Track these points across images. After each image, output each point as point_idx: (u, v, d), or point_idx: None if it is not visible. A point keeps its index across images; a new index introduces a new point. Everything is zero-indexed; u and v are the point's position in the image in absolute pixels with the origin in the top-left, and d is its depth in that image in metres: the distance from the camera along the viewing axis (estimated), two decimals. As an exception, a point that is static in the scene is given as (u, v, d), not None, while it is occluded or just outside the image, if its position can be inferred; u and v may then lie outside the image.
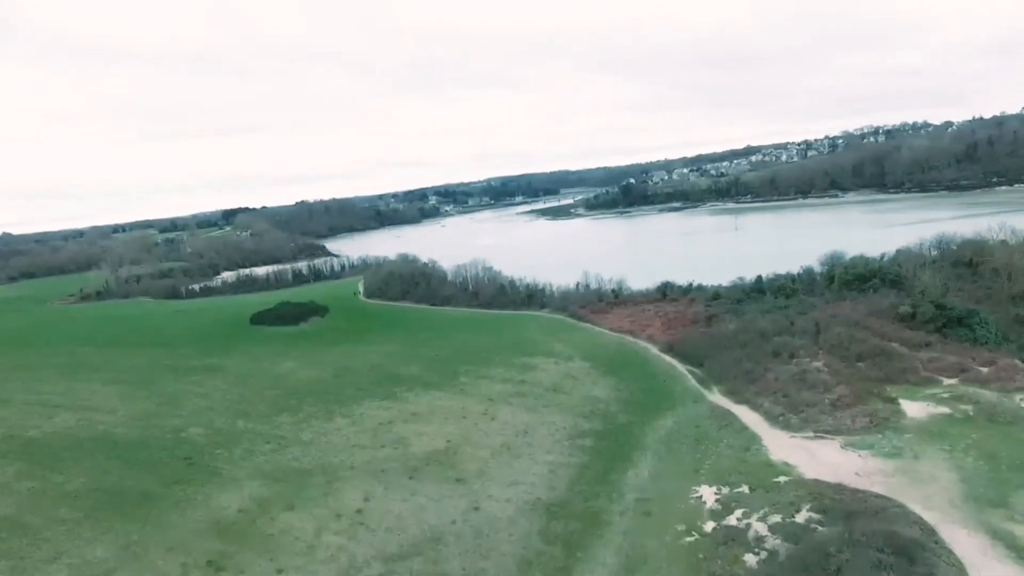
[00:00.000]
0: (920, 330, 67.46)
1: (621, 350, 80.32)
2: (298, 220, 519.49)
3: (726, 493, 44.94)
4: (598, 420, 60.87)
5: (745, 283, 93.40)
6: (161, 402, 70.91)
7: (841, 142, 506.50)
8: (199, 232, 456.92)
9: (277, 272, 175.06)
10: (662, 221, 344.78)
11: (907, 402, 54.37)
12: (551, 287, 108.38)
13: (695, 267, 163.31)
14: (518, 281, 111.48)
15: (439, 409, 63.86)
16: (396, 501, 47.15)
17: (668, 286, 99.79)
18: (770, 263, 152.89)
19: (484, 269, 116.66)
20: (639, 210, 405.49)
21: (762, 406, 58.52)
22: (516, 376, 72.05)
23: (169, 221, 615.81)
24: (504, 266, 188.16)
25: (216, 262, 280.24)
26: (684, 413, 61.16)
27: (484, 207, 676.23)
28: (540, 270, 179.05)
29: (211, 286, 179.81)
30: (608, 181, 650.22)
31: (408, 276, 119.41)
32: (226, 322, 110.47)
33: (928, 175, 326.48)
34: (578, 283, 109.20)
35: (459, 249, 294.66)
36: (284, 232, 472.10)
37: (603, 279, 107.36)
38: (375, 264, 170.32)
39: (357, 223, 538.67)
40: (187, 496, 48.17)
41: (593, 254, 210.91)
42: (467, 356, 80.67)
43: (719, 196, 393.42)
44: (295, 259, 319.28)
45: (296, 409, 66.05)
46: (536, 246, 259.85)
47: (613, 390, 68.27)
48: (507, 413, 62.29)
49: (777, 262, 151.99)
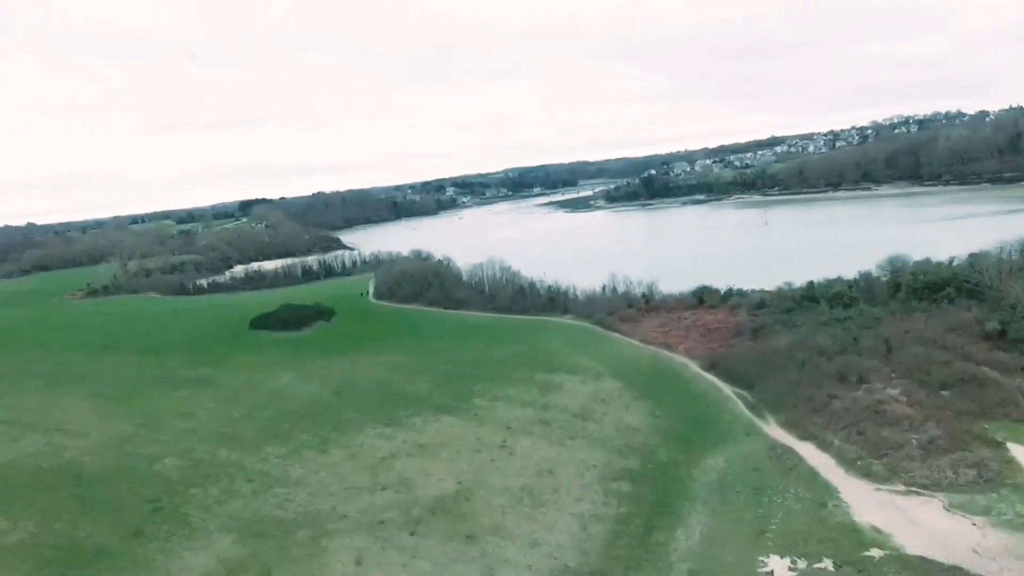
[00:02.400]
0: (1014, 351, 57.49)
1: (656, 366, 71.16)
2: (314, 211, 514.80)
3: (803, 568, 35.91)
4: (635, 457, 51.96)
5: (793, 289, 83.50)
6: (141, 423, 63.38)
7: (871, 133, 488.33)
8: (215, 224, 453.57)
9: (287, 268, 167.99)
10: (686, 214, 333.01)
11: (1017, 447, 44.73)
12: (574, 290, 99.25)
13: (729, 267, 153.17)
14: (538, 283, 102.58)
15: (449, 439, 55.38)
16: (395, 565, 38.82)
17: (705, 291, 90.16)
18: (814, 264, 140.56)
19: (502, 269, 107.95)
20: (661, 202, 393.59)
21: (832, 445, 49.20)
22: (538, 398, 63.30)
23: (186, 212, 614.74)
24: (523, 264, 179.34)
25: (228, 255, 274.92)
26: (737, 450, 52.01)
27: (502, 198, 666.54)
28: (561, 268, 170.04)
29: (219, 282, 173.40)
30: (628, 172, 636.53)
31: (420, 276, 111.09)
32: (226, 325, 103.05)
33: (968, 167, 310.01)
34: (604, 286, 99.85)
35: (475, 242, 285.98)
36: (300, 224, 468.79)
37: (631, 281, 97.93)
38: (388, 260, 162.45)
39: (373, 215, 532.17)
40: (146, 557, 40.24)
41: (616, 250, 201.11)
42: (482, 371, 72.07)
43: (745, 188, 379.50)
44: (309, 252, 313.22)
45: (288, 436, 57.99)
46: (555, 240, 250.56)
47: (650, 417, 59.26)
48: (527, 446, 53.62)
49: (822, 263, 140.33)
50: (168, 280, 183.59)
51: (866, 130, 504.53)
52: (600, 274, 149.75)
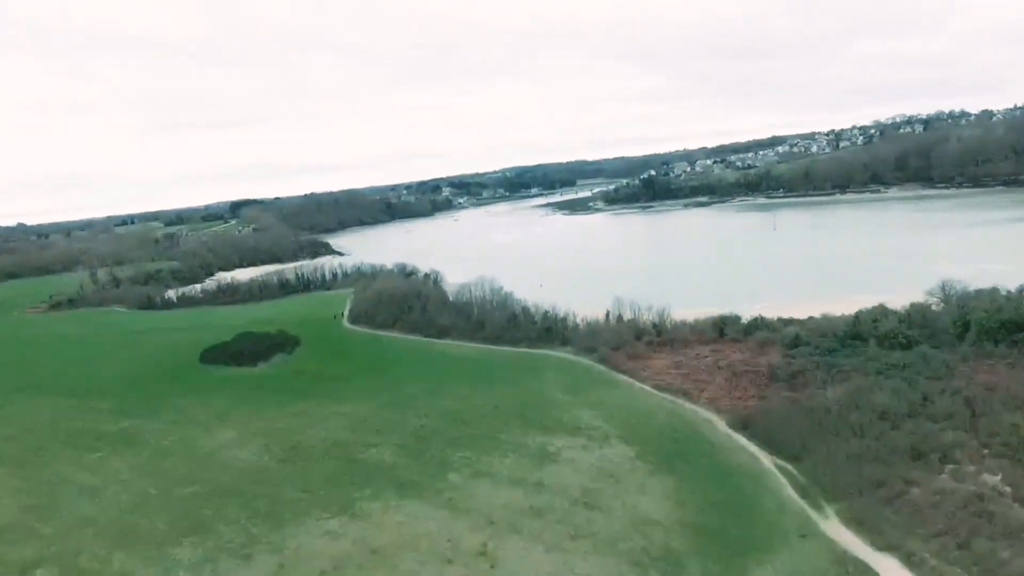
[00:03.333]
0: None
1: (675, 425, 58.26)
2: (306, 213, 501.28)
3: None
4: (656, 572, 39.12)
5: (833, 321, 70.68)
6: (30, 504, 50.41)
7: (874, 132, 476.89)
8: (202, 226, 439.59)
9: (263, 280, 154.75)
10: (689, 218, 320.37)
11: None
12: (574, 317, 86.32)
13: (745, 282, 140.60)
14: (533, 308, 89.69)
15: (413, 540, 42.41)
16: None
17: (726, 321, 77.31)
18: (839, 280, 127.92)
19: (492, 291, 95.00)
20: (662, 204, 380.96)
21: (925, 563, 36.40)
22: (530, 473, 50.39)
23: (176, 213, 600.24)
24: (516, 279, 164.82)
25: (209, 262, 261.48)
26: (792, 562, 39.17)
27: (499, 199, 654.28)
28: (558, 283, 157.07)
29: (190, 295, 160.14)
30: (627, 172, 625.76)
31: (401, 298, 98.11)
32: (175, 355, 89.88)
33: (981, 168, 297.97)
34: (608, 312, 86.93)
35: (468, 249, 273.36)
36: (290, 226, 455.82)
37: (638, 307, 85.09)
38: (370, 273, 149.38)
39: (367, 216, 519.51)
40: None
41: (617, 261, 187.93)
42: (463, 429, 59.11)
43: (748, 190, 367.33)
44: (295, 257, 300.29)
45: (207, 529, 45.02)
46: (552, 246, 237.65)
47: (672, 501, 46.39)
48: (515, 554, 40.68)
49: (848, 279, 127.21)
50: (137, 292, 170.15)
51: (869, 130, 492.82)
52: (602, 293, 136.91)
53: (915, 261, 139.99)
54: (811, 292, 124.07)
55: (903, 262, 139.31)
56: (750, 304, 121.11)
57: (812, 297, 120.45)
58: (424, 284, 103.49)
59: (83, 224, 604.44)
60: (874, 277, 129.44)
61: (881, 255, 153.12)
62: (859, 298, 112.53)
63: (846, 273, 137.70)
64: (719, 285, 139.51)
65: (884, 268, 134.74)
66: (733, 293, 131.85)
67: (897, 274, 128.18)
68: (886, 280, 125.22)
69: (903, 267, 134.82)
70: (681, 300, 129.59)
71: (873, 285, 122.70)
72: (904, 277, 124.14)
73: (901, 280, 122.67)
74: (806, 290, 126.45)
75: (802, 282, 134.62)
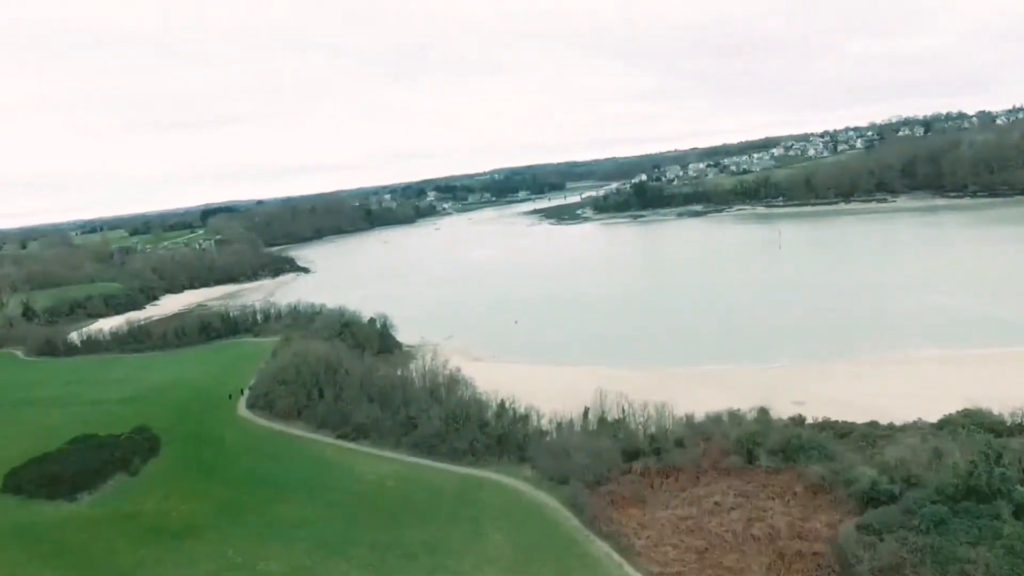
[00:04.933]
0: None
1: None
2: (280, 221, 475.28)
3: None
4: None
5: (923, 452, 46.19)
6: None
7: (871, 133, 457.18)
8: (165, 237, 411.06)
9: (181, 325, 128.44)
10: (683, 230, 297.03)
11: None
12: (538, 420, 61.53)
13: (757, 325, 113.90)
14: (485, 396, 64.94)
15: None
16: None
17: (756, 439, 52.59)
18: (883, 325, 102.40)
19: (446, 376, 70.26)
20: (654, 213, 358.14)
21: None
22: None
23: (143, 219, 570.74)
24: (488, 314, 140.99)
25: (153, 285, 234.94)
26: None
27: (485, 204, 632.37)
28: (533, 321, 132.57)
29: (95, 338, 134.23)
30: (617, 174, 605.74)
31: (313, 374, 73.19)
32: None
33: (997, 176, 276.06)
34: (586, 410, 62.07)
35: (445, 265, 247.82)
36: (261, 236, 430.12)
37: (630, 408, 60.40)
38: (307, 315, 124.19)
39: (346, 223, 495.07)
40: None
41: (605, 288, 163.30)
42: None
43: (746, 198, 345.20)
44: (255, 276, 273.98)
45: None
46: (533, 269, 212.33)
47: None
48: None
49: (897, 324, 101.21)
50: (37, 333, 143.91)
51: (866, 131, 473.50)
52: (583, 341, 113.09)
53: (966, 296, 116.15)
54: (846, 341, 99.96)
55: (953, 298, 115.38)
56: (767, 363, 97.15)
57: (850, 348, 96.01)
58: (348, 353, 77.94)
59: (47, 229, 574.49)
60: (928, 320, 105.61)
61: (919, 285, 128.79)
62: (922, 353, 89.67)
63: (884, 311, 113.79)
64: (725, 329, 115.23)
65: (935, 308, 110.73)
66: (743, 341, 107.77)
67: (955, 316, 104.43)
68: (944, 324, 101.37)
69: (956, 305, 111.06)
70: (680, 352, 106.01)
71: (932, 331, 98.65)
72: (967, 322, 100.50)
73: (963, 325, 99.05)
74: (839, 338, 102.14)
75: (830, 324, 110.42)
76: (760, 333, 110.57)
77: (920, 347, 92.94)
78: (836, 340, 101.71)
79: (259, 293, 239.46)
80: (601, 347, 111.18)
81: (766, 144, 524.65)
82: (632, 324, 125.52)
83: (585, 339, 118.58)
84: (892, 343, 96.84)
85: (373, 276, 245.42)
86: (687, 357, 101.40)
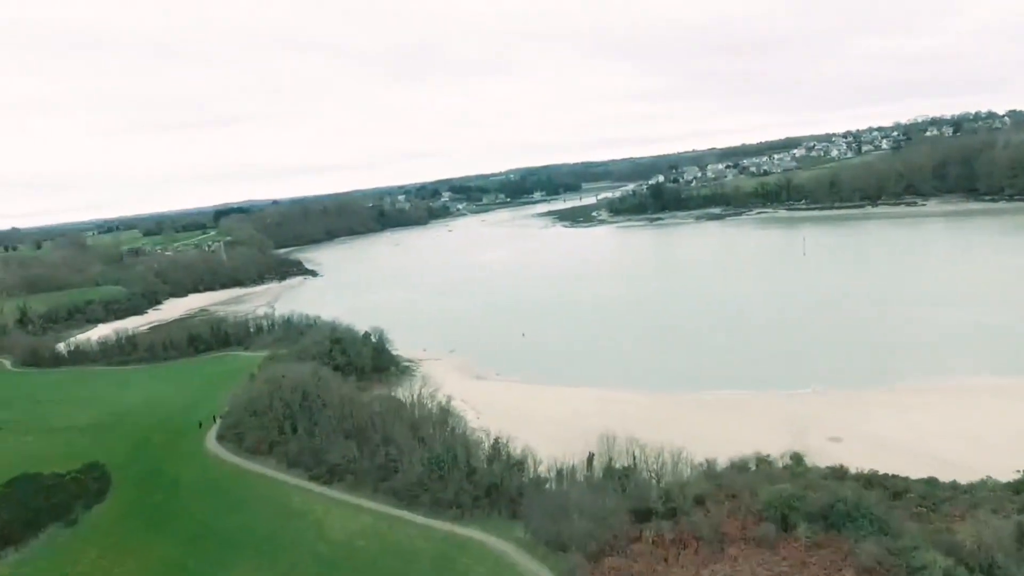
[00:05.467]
0: None
1: None
2: (292, 222, 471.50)
3: None
4: None
5: (1004, 531, 37.23)
6: None
7: (896, 134, 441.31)
8: (177, 238, 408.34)
9: (169, 335, 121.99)
10: (701, 234, 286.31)
11: None
12: (534, 467, 53.05)
13: (781, 341, 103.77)
14: (475, 434, 56.72)
15: None
16: None
17: (789, 504, 43.73)
18: (926, 344, 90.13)
19: (437, 412, 62.03)
20: (672, 216, 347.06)
21: None
22: None
23: (156, 219, 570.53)
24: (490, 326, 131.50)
25: (155, 289, 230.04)
26: None
27: (499, 205, 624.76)
28: (542, 328, 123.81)
29: (83, 349, 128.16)
30: (634, 175, 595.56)
31: (283, 409, 65.23)
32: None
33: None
34: (591, 458, 53.32)
35: (454, 269, 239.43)
36: (272, 238, 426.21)
37: (641, 452, 51.73)
38: (301, 326, 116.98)
39: (358, 225, 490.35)
40: None
41: (617, 293, 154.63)
42: None
43: (767, 201, 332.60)
44: (261, 279, 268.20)
45: None
46: (544, 271, 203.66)
47: None
48: None
49: (941, 344, 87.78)
50: (25, 343, 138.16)
51: (891, 131, 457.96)
52: (593, 365, 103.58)
53: (1015, 314, 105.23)
54: (884, 363, 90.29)
55: (999, 315, 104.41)
56: (794, 388, 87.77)
57: (889, 371, 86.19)
58: (322, 384, 69.52)
59: (65, 229, 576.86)
60: (973, 340, 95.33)
61: (960, 299, 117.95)
62: (974, 381, 79.39)
63: (923, 328, 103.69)
64: (745, 345, 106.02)
65: (979, 326, 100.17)
66: (767, 361, 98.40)
67: (1005, 337, 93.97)
68: (992, 346, 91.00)
69: (1004, 324, 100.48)
70: (697, 371, 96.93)
71: (980, 354, 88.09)
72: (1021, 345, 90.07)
73: (1016, 349, 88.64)
74: (875, 359, 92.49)
75: (863, 342, 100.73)
76: (785, 351, 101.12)
77: (970, 373, 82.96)
78: (872, 362, 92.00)
79: (264, 297, 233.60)
80: (610, 364, 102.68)
81: (787, 145, 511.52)
82: (644, 338, 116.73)
83: (594, 354, 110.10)
84: (936, 367, 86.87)
85: (380, 281, 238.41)
86: (705, 378, 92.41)
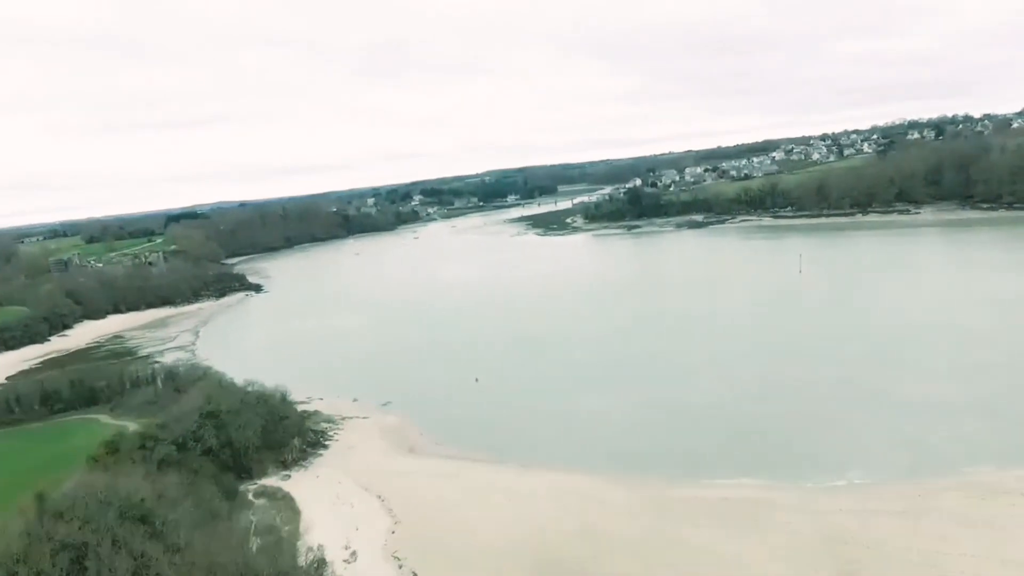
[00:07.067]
0: None
1: None
2: (247, 228, 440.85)
3: None
4: None
5: None
6: None
7: (877, 137, 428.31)
8: (121, 245, 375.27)
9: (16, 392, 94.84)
10: (682, 245, 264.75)
11: None
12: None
13: (809, 415, 71.58)
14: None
15: None
16: None
17: None
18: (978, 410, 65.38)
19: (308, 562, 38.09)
20: (650, 223, 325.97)
21: None
22: None
23: (101, 224, 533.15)
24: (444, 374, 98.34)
25: (65, 312, 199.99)
26: None
27: (471, 210, 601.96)
28: (498, 375, 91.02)
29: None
30: (611, 177, 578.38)
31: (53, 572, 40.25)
32: None
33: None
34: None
35: (411, 286, 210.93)
36: (225, 245, 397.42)
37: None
38: (185, 381, 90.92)
39: (320, 231, 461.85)
40: None
41: (592, 327, 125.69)
42: None
43: (750, 207, 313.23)
44: (197, 296, 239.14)
45: None
46: (510, 293, 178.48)
47: None
48: None
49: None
50: None
51: (870, 134, 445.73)
52: (553, 427, 73.51)
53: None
54: (942, 438, 67.22)
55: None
56: (825, 478, 64.36)
57: (955, 454, 61.40)
58: (184, 482, 44.20)
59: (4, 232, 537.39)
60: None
61: (1005, 336, 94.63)
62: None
63: (976, 379, 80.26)
64: (748, 401, 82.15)
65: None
66: (781, 433, 73.78)
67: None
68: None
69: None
70: (689, 446, 73.09)
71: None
72: None
73: None
74: (926, 431, 69.24)
75: (904, 404, 76.58)
76: (803, 415, 77.93)
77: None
78: (923, 436, 69.21)
79: (192, 320, 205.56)
80: (577, 432, 79.30)
81: (765, 147, 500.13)
82: (620, 388, 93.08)
83: (557, 416, 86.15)
84: (1019, 448, 64.31)
85: (329, 299, 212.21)
86: (700, 458, 69.35)
